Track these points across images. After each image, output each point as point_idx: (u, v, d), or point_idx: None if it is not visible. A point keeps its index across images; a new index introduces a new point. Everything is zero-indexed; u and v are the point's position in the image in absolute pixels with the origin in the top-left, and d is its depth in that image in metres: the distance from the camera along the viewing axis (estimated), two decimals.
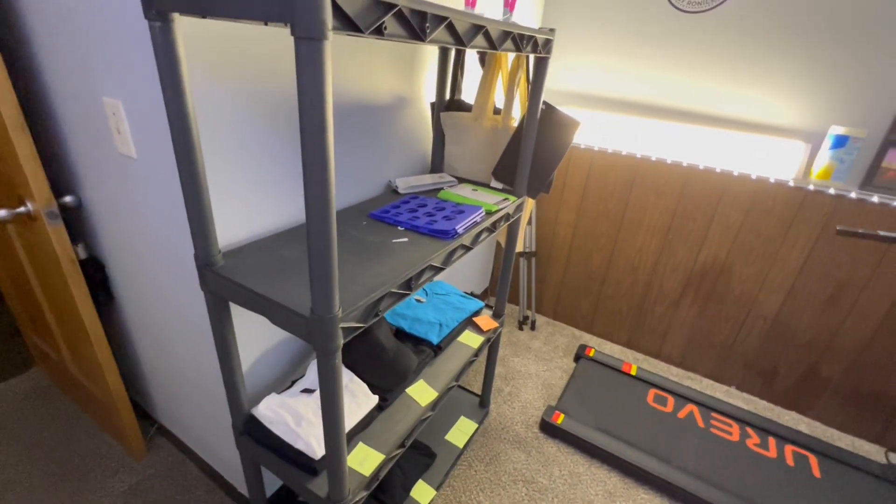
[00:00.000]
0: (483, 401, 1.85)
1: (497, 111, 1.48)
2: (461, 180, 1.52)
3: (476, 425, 1.75)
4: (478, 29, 0.83)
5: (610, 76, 2.10)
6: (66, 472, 1.49)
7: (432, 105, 1.48)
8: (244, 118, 0.93)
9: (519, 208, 1.41)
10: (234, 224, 0.98)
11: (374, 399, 1.15)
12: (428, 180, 1.45)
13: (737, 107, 1.87)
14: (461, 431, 1.72)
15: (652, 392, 2.03)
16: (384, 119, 1.33)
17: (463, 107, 1.48)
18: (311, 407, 1.09)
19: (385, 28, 0.60)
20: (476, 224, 1.16)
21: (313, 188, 0.60)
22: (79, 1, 0.88)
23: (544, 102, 1.37)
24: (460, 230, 1.09)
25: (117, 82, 0.90)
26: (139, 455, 1.55)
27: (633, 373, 2.12)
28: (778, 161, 1.78)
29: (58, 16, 0.94)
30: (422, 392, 1.26)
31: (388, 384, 1.22)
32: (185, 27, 0.73)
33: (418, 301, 1.59)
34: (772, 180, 1.80)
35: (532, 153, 1.36)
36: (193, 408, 1.38)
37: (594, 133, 2.14)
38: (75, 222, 1.29)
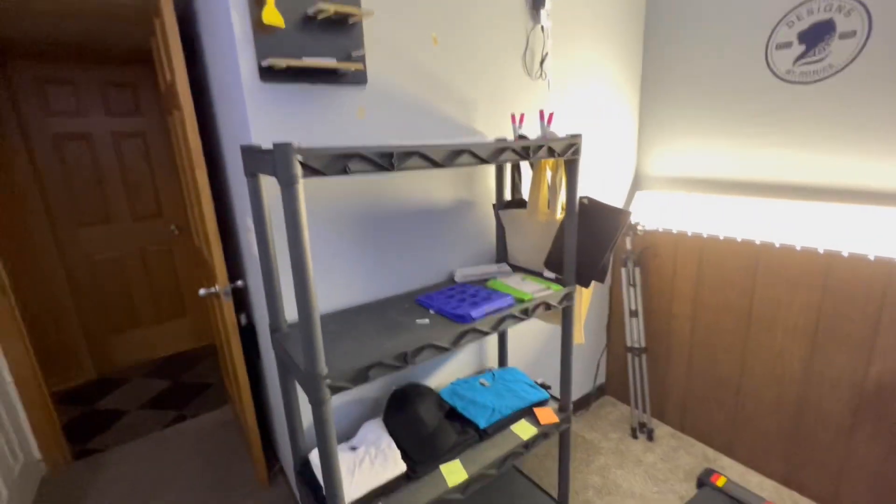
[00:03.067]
0: None
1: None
2: (519, 269, 1.63)
3: None
4: (458, 153, 1.04)
5: (717, 157, 1.95)
6: (218, 485, 1.98)
7: (494, 205, 1.68)
8: (312, 225, 1.31)
9: (568, 297, 1.42)
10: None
11: (402, 467, 1.26)
12: (485, 270, 1.61)
13: (870, 177, 1.50)
14: None
15: None
16: (447, 220, 1.59)
17: (522, 204, 1.64)
18: (350, 460, 1.28)
19: (349, 170, 0.88)
20: (499, 311, 1.26)
21: (297, 279, 0.87)
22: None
23: (585, 197, 1.43)
24: (476, 315, 1.21)
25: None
26: (263, 486, 1.95)
27: None
28: None
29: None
30: (454, 472, 1.31)
31: (421, 457, 1.32)
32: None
33: (482, 384, 1.66)
34: None
35: (575, 244, 1.40)
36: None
37: (702, 218, 1.95)
38: (243, 298, 1.89)
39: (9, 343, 1.94)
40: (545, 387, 1.70)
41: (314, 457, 1.28)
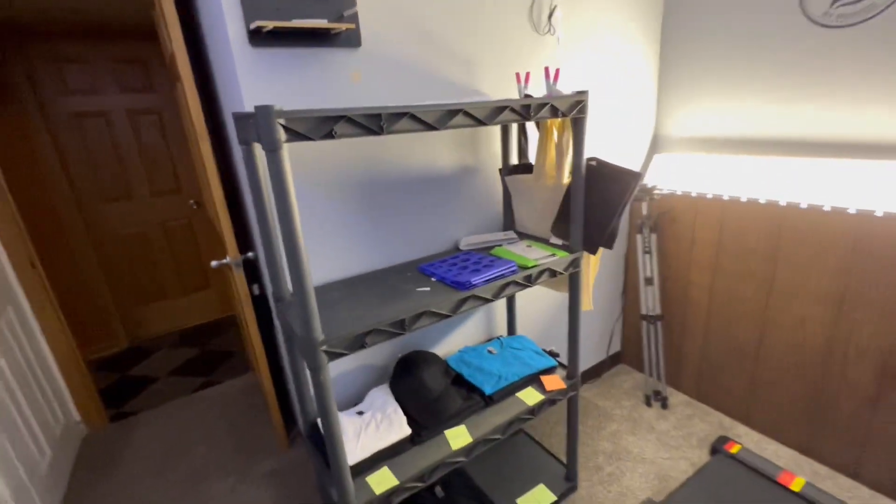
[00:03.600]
0: (569, 474, 1.71)
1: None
2: (525, 237, 1.59)
3: (554, 498, 1.63)
4: (452, 114, 0.99)
5: (742, 114, 1.82)
6: (242, 447, 2.09)
7: (500, 171, 1.63)
8: (313, 194, 1.30)
9: (574, 263, 1.39)
10: None
11: (407, 431, 1.29)
12: (490, 238, 1.58)
13: None
14: (535, 500, 1.63)
15: None
16: (452, 187, 1.56)
17: (529, 169, 1.58)
18: (357, 424, 1.32)
19: (335, 133, 0.85)
20: (502, 277, 1.23)
21: (288, 248, 0.87)
22: None
23: (594, 158, 1.36)
24: (476, 282, 1.19)
25: None
26: (283, 448, 2.04)
27: (794, 488, 1.58)
28: None
29: None
30: (458, 436, 1.33)
31: (426, 422, 1.34)
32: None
33: (490, 352, 1.66)
34: None
35: (582, 209, 1.35)
36: None
37: (724, 180, 1.85)
38: (256, 269, 1.93)
39: (43, 315, 2.05)
40: (553, 354, 1.68)
41: (320, 422, 1.32)
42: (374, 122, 0.89)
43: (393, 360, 1.55)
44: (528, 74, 1.45)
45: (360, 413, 1.38)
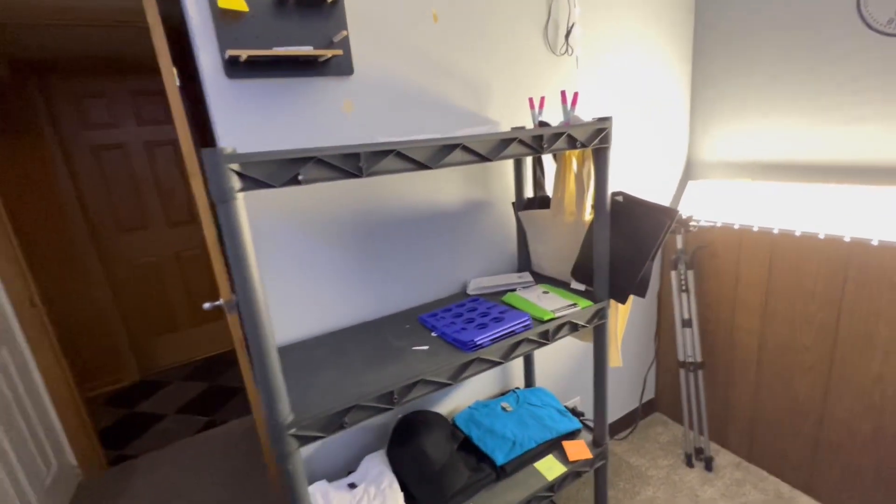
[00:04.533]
0: None
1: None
2: (544, 279, 1.41)
3: None
4: (448, 149, 0.84)
5: (790, 135, 1.60)
6: (239, 494, 1.93)
7: (514, 205, 1.47)
8: (298, 238, 1.17)
9: (599, 314, 1.19)
10: (287, 326, 1.18)
11: None
12: (503, 281, 1.40)
13: None
14: None
15: None
16: (458, 223, 1.40)
17: (546, 203, 1.41)
18: (346, 500, 1.14)
19: (301, 178, 0.71)
20: (512, 335, 1.05)
21: (246, 314, 0.72)
22: None
23: (620, 193, 1.18)
24: (481, 342, 1.01)
25: None
26: (280, 498, 1.87)
27: None
28: None
29: None
30: None
31: (426, 499, 1.15)
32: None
33: (504, 409, 1.46)
34: None
35: (607, 251, 1.16)
36: None
37: (773, 210, 1.62)
38: None
39: (41, 355, 1.99)
40: (577, 413, 1.47)
41: (312, 491, 1.15)
42: (350, 164, 0.75)
43: (393, 419, 1.37)
44: (542, 99, 1.29)
45: (352, 486, 1.20)
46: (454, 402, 1.52)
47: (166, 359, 3.25)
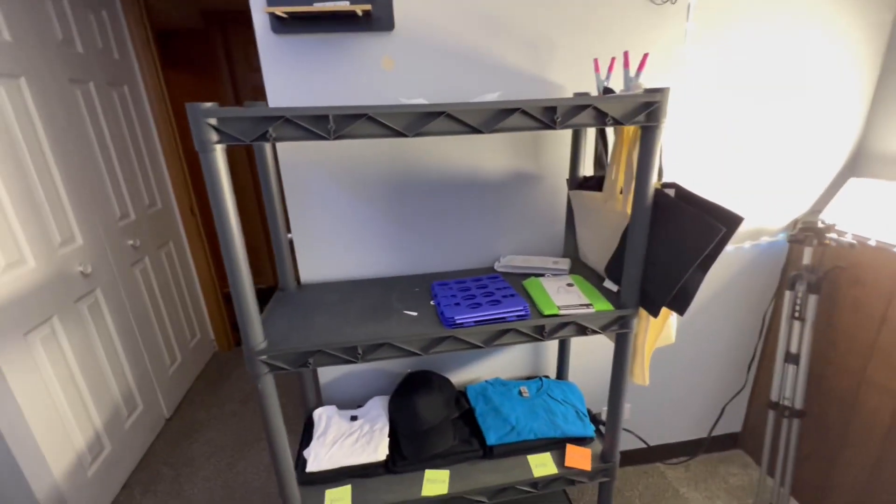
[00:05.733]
0: None
1: None
2: (585, 270, 1.25)
3: None
4: (430, 116, 0.79)
5: None
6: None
7: (568, 182, 1.31)
8: (329, 187, 1.25)
9: (621, 323, 1.03)
10: (312, 266, 1.30)
11: (382, 455, 1.19)
12: (535, 263, 1.29)
13: None
14: None
15: None
16: (501, 194, 1.32)
17: (602, 185, 1.23)
18: (343, 430, 1.28)
19: (270, 136, 0.76)
20: (501, 321, 0.99)
21: (224, 250, 0.83)
22: None
23: (672, 184, 0.95)
24: (462, 321, 0.98)
25: None
26: None
27: None
28: None
29: None
30: (435, 482, 1.17)
31: (407, 452, 1.21)
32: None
33: (521, 393, 1.41)
34: None
35: (642, 251, 0.98)
36: None
37: None
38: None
39: (196, 254, 2.58)
40: (599, 421, 1.34)
41: (318, 413, 1.32)
42: (320, 126, 0.77)
43: (405, 370, 1.45)
44: (612, 61, 1.08)
45: (354, 418, 1.33)
46: (476, 371, 1.52)
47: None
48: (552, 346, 1.54)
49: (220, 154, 0.76)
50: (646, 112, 0.86)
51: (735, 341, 1.68)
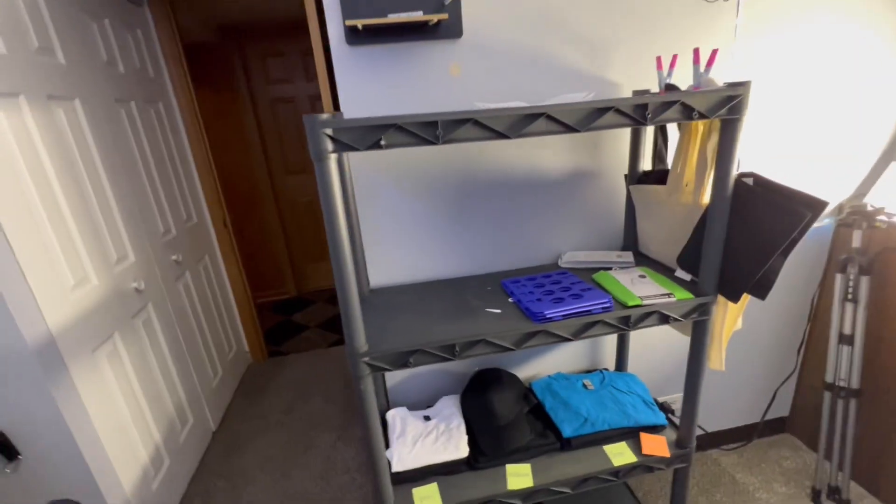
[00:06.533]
0: None
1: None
2: (648, 262, 1.29)
3: None
4: (530, 118, 0.82)
5: None
6: (349, 408, 2.32)
7: (626, 177, 1.34)
8: (394, 193, 1.27)
9: (701, 310, 1.06)
10: (379, 271, 1.33)
11: (464, 452, 1.21)
12: (599, 257, 1.32)
13: None
14: None
15: None
16: (560, 191, 1.35)
17: (663, 179, 1.26)
18: (420, 430, 1.30)
19: (383, 143, 0.79)
20: (587, 314, 1.02)
21: (333, 256, 0.86)
22: None
23: (750, 174, 0.99)
24: (552, 315, 1.01)
25: None
26: None
27: None
28: None
29: None
30: (519, 475, 1.19)
31: (487, 448, 1.24)
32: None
33: (585, 386, 1.44)
34: None
35: (722, 240, 1.01)
36: None
37: None
38: None
39: (229, 266, 2.60)
40: (666, 409, 1.37)
41: (391, 414, 1.34)
42: (428, 131, 0.80)
43: (472, 369, 1.47)
44: (674, 58, 1.12)
45: (427, 418, 1.35)
46: (535, 367, 1.54)
47: (315, 282, 3.90)
48: (610, 338, 1.56)
49: (333, 162, 0.79)
50: (729, 105, 0.89)
51: (783, 326, 1.71)
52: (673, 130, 1.30)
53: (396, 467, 1.18)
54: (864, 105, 1.44)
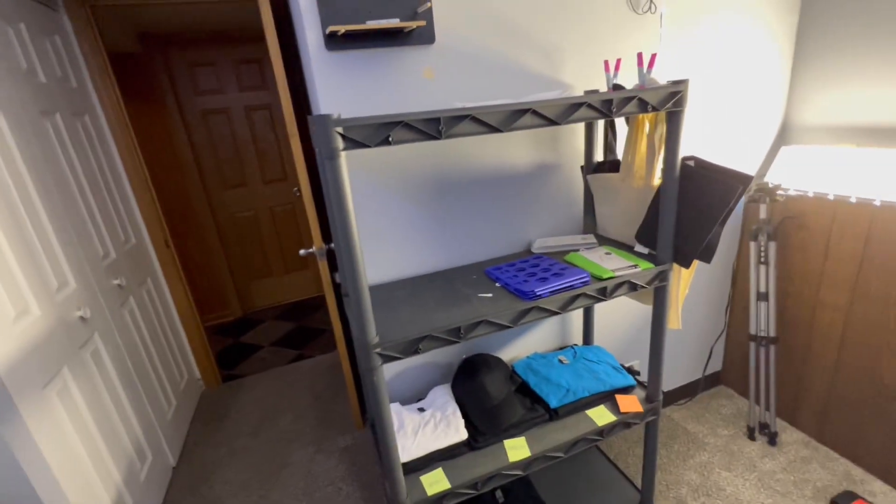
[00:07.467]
0: (643, 502, 1.56)
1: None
2: (608, 242, 1.45)
3: None
4: (518, 114, 0.92)
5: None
6: (323, 420, 2.27)
7: (582, 168, 1.50)
8: (385, 195, 1.32)
9: (660, 277, 1.23)
10: (370, 269, 1.36)
11: (463, 435, 1.27)
12: (567, 241, 1.46)
13: None
14: None
15: None
16: (526, 185, 1.47)
17: (616, 167, 1.43)
18: (417, 421, 1.33)
19: (391, 139, 0.84)
20: (571, 288, 1.14)
21: (345, 253, 0.89)
22: None
23: (691, 157, 1.17)
24: (541, 292, 1.11)
25: None
26: (357, 426, 2.17)
27: None
28: None
29: None
30: (516, 448, 1.28)
31: (484, 428, 1.31)
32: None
33: (561, 361, 1.57)
34: None
35: (673, 215, 1.18)
36: None
37: (879, 179, 1.48)
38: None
39: (174, 287, 2.42)
40: (633, 372, 1.53)
41: None
42: (432, 127, 0.86)
43: (458, 359, 1.54)
44: (618, 62, 1.29)
45: (422, 410, 1.39)
46: (513, 351, 1.65)
47: (262, 300, 3.73)
48: (576, 316, 1.72)
49: (344, 160, 0.82)
50: (674, 99, 1.06)
51: (713, 291, 1.99)
52: (620, 125, 1.48)
53: (403, 458, 1.21)
54: (755, 96, 1.74)
